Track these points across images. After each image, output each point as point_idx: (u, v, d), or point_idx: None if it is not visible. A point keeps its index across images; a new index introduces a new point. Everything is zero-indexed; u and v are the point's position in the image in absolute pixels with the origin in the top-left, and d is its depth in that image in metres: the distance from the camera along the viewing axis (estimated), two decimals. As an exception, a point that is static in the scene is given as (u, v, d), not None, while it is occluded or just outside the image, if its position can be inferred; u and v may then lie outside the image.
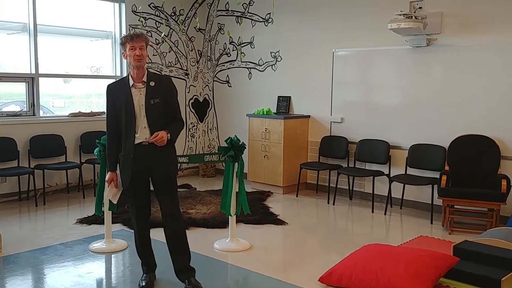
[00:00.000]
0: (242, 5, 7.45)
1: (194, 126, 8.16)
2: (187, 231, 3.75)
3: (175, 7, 7.65)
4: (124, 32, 7.06)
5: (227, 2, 7.67)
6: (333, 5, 6.52)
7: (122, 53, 3.44)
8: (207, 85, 8.15)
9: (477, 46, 5.38)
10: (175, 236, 3.51)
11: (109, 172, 3.52)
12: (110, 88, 3.46)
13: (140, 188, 3.49)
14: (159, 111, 3.38)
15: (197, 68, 8.08)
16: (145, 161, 3.37)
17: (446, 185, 5.13)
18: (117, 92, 3.40)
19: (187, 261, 3.53)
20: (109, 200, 4.31)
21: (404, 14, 5.35)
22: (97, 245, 4.42)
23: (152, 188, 3.51)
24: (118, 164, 3.48)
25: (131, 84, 3.37)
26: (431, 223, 5.35)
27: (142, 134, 3.35)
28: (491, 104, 5.35)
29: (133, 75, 3.38)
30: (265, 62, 7.35)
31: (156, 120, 3.36)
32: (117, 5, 7.08)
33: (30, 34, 6.23)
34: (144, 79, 3.38)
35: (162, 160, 3.41)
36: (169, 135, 3.36)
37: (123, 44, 3.38)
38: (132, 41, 3.32)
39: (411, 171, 5.85)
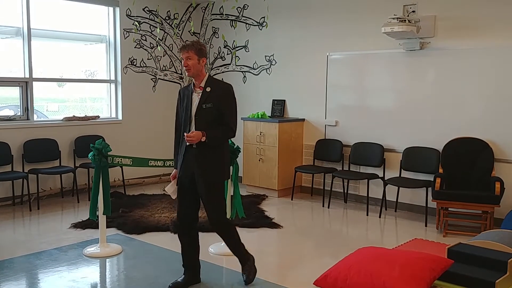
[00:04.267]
0: (237, 9, 7.47)
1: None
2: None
3: (169, 11, 7.66)
4: (118, 36, 7.06)
5: (222, 6, 7.68)
6: (327, 9, 6.55)
7: None
8: (201, 88, 8.14)
9: (470, 49, 5.42)
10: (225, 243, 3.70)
11: (174, 170, 3.64)
12: (180, 90, 3.64)
13: (186, 193, 3.53)
14: (210, 116, 3.45)
15: (192, 71, 8.07)
16: (192, 165, 3.46)
17: (440, 187, 5.15)
18: (183, 95, 3.58)
19: (240, 257, 3.72)
20: (104, 204, 4.32)
21: (397, 18, 5.38)
22: (91, 249, 4.40)
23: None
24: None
25: (193, 89, 3.52)
26: (426, 225, 5.37)
27: None
28: (484, 107, 5.38)
29: (194, 80, 3.53)
30: (260, 66, 7.36)
31: (204, 125, 3.42)
32: (111, 9, 7.08)
33: (24, 38, 6.21)
34: (202, 84, 3.49)
35: (204, 165, 3.45)
36: (204, 137, 3.38)
37: None
38: (180, 52, 3.50)
39: (405, 174, 5.87)
